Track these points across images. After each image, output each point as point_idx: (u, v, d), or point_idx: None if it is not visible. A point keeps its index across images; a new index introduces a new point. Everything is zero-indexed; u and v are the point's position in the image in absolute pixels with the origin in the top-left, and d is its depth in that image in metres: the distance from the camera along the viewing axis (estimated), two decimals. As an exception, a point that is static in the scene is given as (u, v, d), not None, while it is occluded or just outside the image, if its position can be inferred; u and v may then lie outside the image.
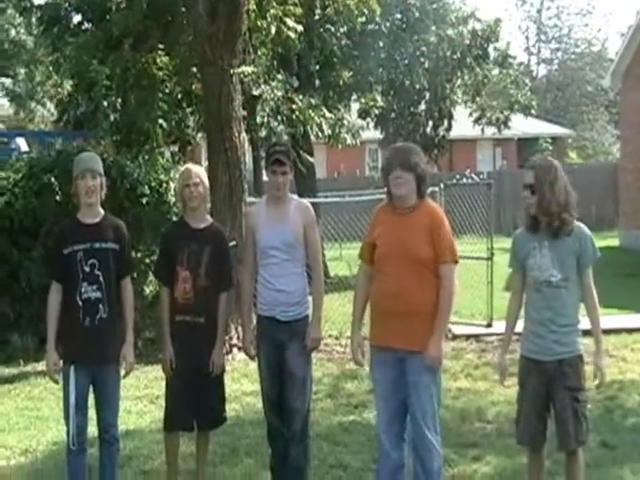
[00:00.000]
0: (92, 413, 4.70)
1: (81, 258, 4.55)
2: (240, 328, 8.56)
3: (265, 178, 9.46)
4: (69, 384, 4.55)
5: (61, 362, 4.60)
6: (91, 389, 4.66)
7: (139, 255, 9.06)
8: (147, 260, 9.10)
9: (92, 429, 4.78)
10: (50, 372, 4.61)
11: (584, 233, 4.35)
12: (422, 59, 16.45)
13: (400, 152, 4.45)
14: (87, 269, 4.56)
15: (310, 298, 4.91)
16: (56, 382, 4.69)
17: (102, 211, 4.73)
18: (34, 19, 12.09)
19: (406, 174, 4.33)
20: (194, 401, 4.79)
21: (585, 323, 4.43)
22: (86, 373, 4.57)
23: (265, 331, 4.86)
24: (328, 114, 13.17)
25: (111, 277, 4.61)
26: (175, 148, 11.86)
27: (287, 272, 4.79)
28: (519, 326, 4.53)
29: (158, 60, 10.89)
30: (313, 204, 5.40)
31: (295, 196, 5.13)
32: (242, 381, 7.57)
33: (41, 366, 8.41)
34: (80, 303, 4.55)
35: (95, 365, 4.59)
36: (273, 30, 10.12)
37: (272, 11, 10.08)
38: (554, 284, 4.28)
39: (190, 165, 5.12)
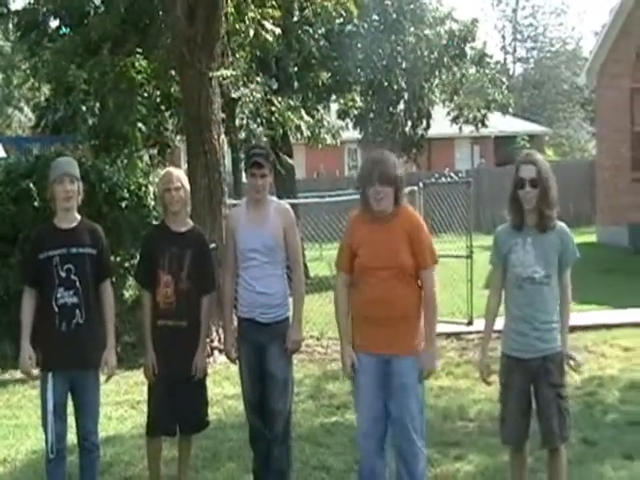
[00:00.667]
0: (72, 420, 4.67)
1: (57, 263, 4.52)
2: (221, 330, 8.60)
3: (245, 180, 9.46)
4: (47, 391, 4.50)
5: (37, 369, 4.56)
6: (70, 396, 4.63)
7: (118, 259, 9.03)
8: (127, 264, 9.09)
9: (72, 436, 4.76)
10: (25, 366, 4.52)
11: (566, 231, 4.40)
12: (400, 59, 16.50)
13: (378, 165, 4.36)
14: (63, 274, 4.52)
15: (291, 300, 4.93)
16: (30, 377, 4.64)
17: (78, 216, 4.70)
18: (11, 25, 12.01)
19: (387, 188, 4.30)
20: (177, 406, 4.79)
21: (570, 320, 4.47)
22: (64, 380, 4.53)
23: (245, 333, 4.87)
24: (307, 116, 13.20)
25: (88, 282, 4.57)
26: (154, 151, 11.85)
27: (267, 274, 4.80)
28: (499, 324, 4.57)
29: (137, 64, 10.88)
30: (293, 205, 5.42)
31: (275, 198, 5.13)
32: (224, 384, 7.57)
33: (19, 374, 8.35)
34: (56, 309, 4.51)
35: (73, 371, 4.55)
36: (251, 33, 10.12)
37: (250, 14, 10.08)
38: (537, 280, 4.31)
39: (171, 169, 5.11)
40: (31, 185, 8.95)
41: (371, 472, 4.42)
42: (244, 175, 5.43)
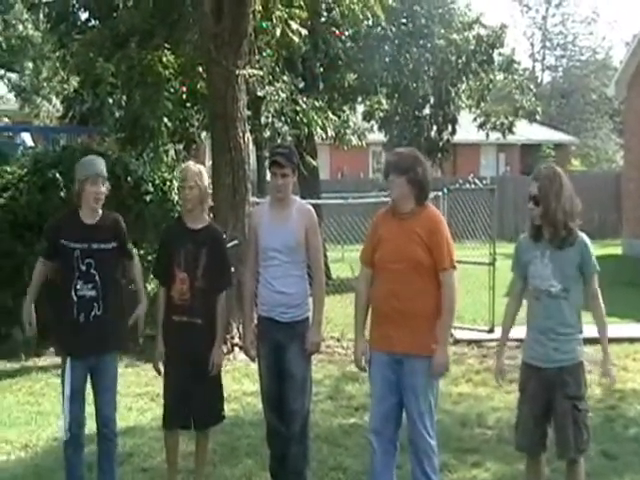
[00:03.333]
0: (92, 409, 4.70)
1: (78, 256, 4.57)
2: (242, 327, 8.62)
3: (269, 179, 9.38)
4: (65, 375, 4.56)
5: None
6: (90, 383, 4.67)
7: (142, 252, 9.05)
8: (149, 258, 9.10)
9: (92, 424, 4.78)
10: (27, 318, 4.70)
11: (586, 244, 4.32)
12: (427, 64, 16.45)
13: (394, 156, 4.53)
14: (83, 268, 4.58)
15: (311, 300, 4.91)
16: (32, 331, 4.78)
17: (101, 211, 4.74)
18: (42, 15, 12.09)
19: (397, 178, 4.37)
20: (190, 400, 4.78)
21: (589, 331, 4.42)
22: (83, 365, 4.59)
23: (265, 332, 4.86)
24: (332, 116, 13.18)
25: (107, 276, 4.64)
26: (180, 147, 11.87)
27: (288, 274, 4.78)
28: (521, 332, 4.53)
29: (164, 58, 10.89)
30: (316, 205, 5.40)
31: (298, 198, 5.10)
32: (243, 381, 7.56)
33: (42, 361, 8.43)
34: (75, 299, 4.58)
35: (92, 355, 4.59)
36: (278, 32, 10.13)
37: (277, 13, 10.08)
38: (553, 294, 4.27)
39: (190, 164, 5.04)
40: (58, 175, 9.01)
41: (381, 468, 4.43)
42: (268, 173, 5.42)
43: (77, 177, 4.69)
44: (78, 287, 4.56)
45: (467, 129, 20.61)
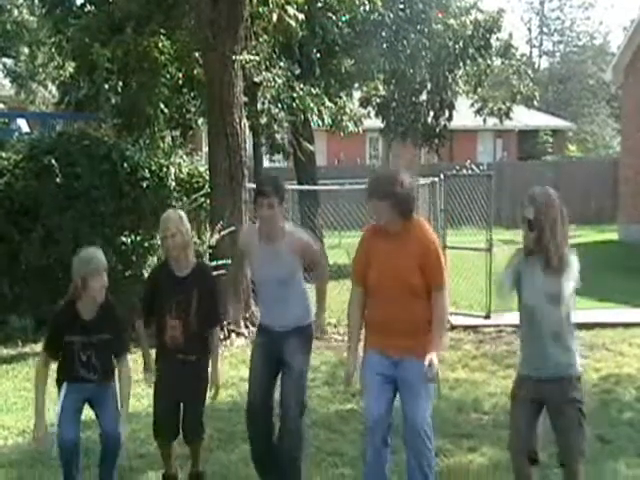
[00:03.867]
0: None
1: (78, 348, 4.63)
2: (237, 314, 8.62)
3: (266, 164, 9.29)
4: (59, 396, 4.65)
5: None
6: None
7: (139, 239, 9.05)
8: (146, 244, 9.10)
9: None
10: (38, 439, 4.61)
11: (572, 267, 4.19)
12: (424, 49, 16.39)
13: (373, 182, 4.44)
14: (84, 358, 4.64)
15: (313, 306, 4.94)
16: (42, 448, 4.74)
17: (99, 300, 4.66)
18: (37, 0, 12.02)
19: (379, 202, 4.33)
20: (179, 420, 4.82)
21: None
22: (80, 389, 4.65)
23: (264, 332, 4.89)
24: (328, 103, 13.15)
25: (106, 361, 4.70)
26: (176, 133, 11.84)
27: (284, 297, 4.76)
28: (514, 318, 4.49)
29: (160, 44, 10.85)
30: (313, 192, 5.36)
31: (288, 226, 4.87)
32: (240, 367, 7.57)
33: (39, 347, 8.42)
34: (74, 374, 4.67)
35: (89, 384, 4.66)
36: (275, 17, 10.08)
37: (274, -2, 10.04)
38: (544, 308, 4.18)
39: (170, 212, 4.94)
40: (53, 161, 8.99)
41: (376, 462, 4.45)
42: (265, 159, 5.36)
43: (78, 273, 4.57)
44: (80, 372, 4.66)
45: (464, 115, 20.57)
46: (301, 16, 10.40)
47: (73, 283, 4.59)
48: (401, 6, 16.26)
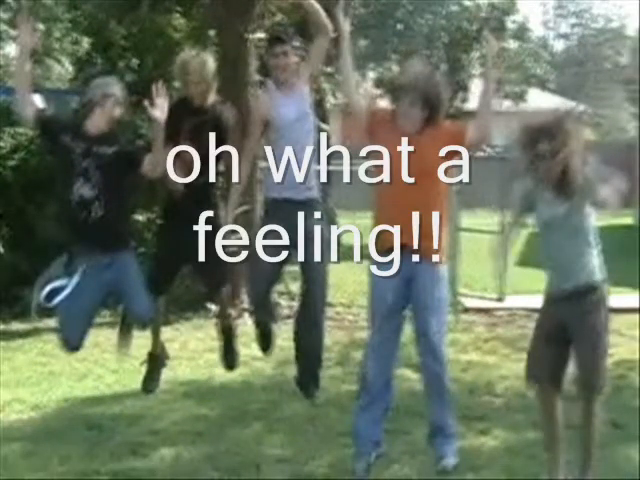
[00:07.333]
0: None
1: (79, 155, 4.50)
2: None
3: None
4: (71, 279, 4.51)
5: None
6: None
7: (153, 216, 9.04)
8: (159, 222, 9.09)
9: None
10: None
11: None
12: (440, 30, 16.29)
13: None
14: (85, 165, 4.50)
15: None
16: None
17: None
18: (53, -24, 12.00)
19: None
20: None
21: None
22: (97, 280, 4.51)
23: (276, 210, 4.73)
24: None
25: (110, 177, 4.52)
26: (190, 111, 11.81)
27: (303, 146, 4.66)
28: (532, 301, 4.48)
29: (175, 22, 10.82)
30: (327, 172, 5.31)
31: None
32: (252, 345, 7.56)
33: (53, 322, 8.46)
34: (75, 200, 4.50)
35: (105, 257, 4.51)
36: (290, -5, 10.01)
37: (289, -24, 9.96)
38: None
39: (188, 55, 4.98)
40: (68, 138, 8.99)
41: (375, 409, 4.33)
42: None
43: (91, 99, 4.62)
44: (77, 187, 4.49)
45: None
46: (316, -5, 10.31)
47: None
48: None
